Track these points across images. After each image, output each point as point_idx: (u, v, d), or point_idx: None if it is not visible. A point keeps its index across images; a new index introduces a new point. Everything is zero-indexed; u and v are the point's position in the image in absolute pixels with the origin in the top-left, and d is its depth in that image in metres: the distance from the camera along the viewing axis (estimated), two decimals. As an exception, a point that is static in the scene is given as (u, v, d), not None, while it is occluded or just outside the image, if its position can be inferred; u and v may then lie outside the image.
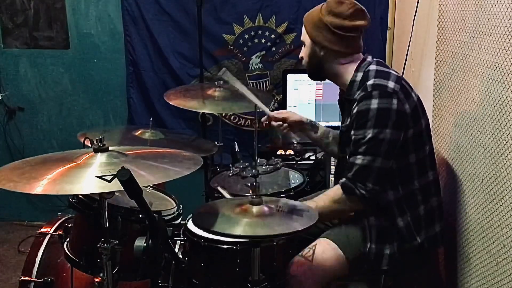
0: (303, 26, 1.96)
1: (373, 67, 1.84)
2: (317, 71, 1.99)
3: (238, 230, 1.51)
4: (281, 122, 2.22)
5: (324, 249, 1.85)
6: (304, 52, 1.98)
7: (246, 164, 2.24)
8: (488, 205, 1.71)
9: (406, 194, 1.84)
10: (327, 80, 2.02)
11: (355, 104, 1.79)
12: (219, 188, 2.15)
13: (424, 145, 1.85)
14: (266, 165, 2.26)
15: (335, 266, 1.85)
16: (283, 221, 1.56)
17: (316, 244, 1.87)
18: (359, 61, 1.89)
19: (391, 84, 1.76)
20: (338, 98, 2.08)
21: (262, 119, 2.22)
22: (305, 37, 1.95)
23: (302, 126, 2.23)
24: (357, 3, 1.87)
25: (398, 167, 1.81)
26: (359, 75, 1.84)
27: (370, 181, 1.77)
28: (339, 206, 1.85)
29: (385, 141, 1.74)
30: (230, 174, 2.24)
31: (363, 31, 1.90)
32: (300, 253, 1.86)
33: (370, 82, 1.77)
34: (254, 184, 1.63)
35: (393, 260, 1.84)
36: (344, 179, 1.82)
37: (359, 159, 1.77)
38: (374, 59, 1.91)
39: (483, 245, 1.75)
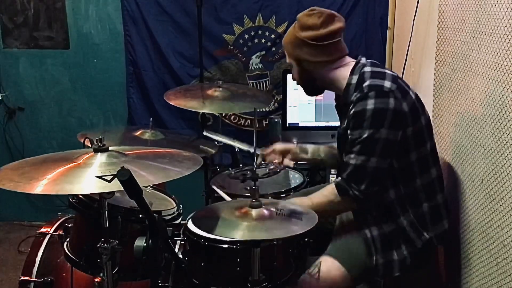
0: (285, 51, 1.97)
1: (368, 68, 1.84)
2: (312, 86, 2.00)
3: (238, 234, 1.51)
4: (273, 155, 2.23)
5: (330, 268, 1.85)
6: (294, 74, 2.00)
7: (246, 167, 2.25)
8: (488, 205, 1.71)
9: (408, 192, 1.84)
10: None
11: (351, 105, 1.78)
12: (217, 189, 2.15)
13: (425, 143, 1.85)
14: (266, 168, 2.26)
15: (341, 284, 1.85)
16: (282, 224, 1.56)
17: (321, 262, 1.87)
18: (352, 64, 1.88)
19: (387, 84, 1.75)
20: (335, 103, 2.08)
21: (257, 163, 2.24)
22: (289, 59, 1.96)
23: (290, 152, 2.24)
24: (326, 10, 1.87)
25: (399, 165, 1.81)
26: (355, 78, 1.83)
27: (364, 182, 1.76)
28: (334, 206, 1.85)
29: (380, 141, 1.73)
30: (231, 176, 2.25)
31: (342, 33, 1.89)
32: (306, 272, 1.86)
33: (366, 84, 1.77)
34: (254, 187, 1.63)
35: (404, 264, 1.83)
36: (338, 179, 1.82)
37: (353, 159, 1.77)
38: (368, 60, 1.91)
39: (483, 245, 1.75)
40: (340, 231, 2.00)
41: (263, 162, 2.26)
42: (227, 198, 2.06)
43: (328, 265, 1.85)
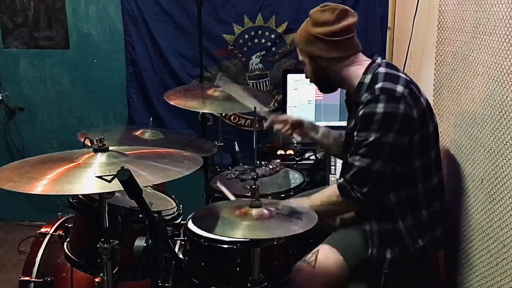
0: (297, 48, 1.96)
1: (382, 69, 1.82)
2: (326, 83, 1.98)
3: (238, 233, 1.51)
4: (283, 125, 2.19)
5: (327, 255, 1.85)
6: (307, 71, 1.97)
7: (245, 167, 2.24)
8: (488, 205, 1.71)
9: (409, 198, 1.84)
10: None
11: (361, 106, 1.77)
12: (222, 188, 2.14)
13: (430, 150, 1.84)
14: (265, 167, 2.26)
15: (337, 273, 1.85)
16: (282, 224, 1.56)
17: (318, 250, 1.87)
18: (366, 63, 1.87)
19: (399, 89, 1.74)
20: (345, 98, 2.07)
21: (265, 126, 2.21)
22: (302, 56, 1.94)
23: (302, 127, 2.20)
24: (339, 5, 1.86)
25: (402, 170, 1.80)
26: (368, 77, 1.82)
27: (367, 184, 1.76)
28: (334, 206, 1.85)
29: (387, 145, 1.72)
30: (230, 177, 2.25)
31: (355, 29, 1.87)
32: (302, 259, 1.86)
33: (378, 86, 1.75)
34: (254, 187, 1.63)
35: (394, 264, 1.84)
36: (341, 180, 1.82)
37: (358, 161, 1.76)
38: (384, 60, 1.90)
39: (483, 245, 1.75)
40: (340, 226, 2.00)
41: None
42: (231, 196, 2.04)
43: (325, 252, 1.85)
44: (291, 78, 3.14)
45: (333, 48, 1.84)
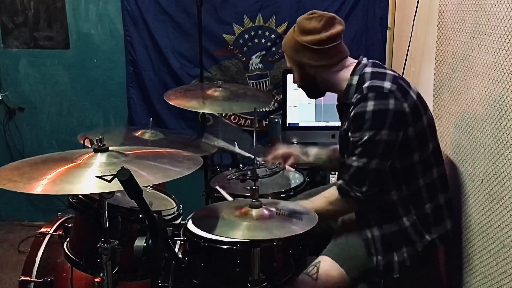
0: (285, 55, 1.96)
1: (368, 69, 1.83)
2: (314, 89, 2.00)
3: (238, 234, 1.51)
4: (273, 161, 2.23)
5: (328, 268, 1.84)
6: (295, 78, 1.99)
7: (246, 167, 2.25)
8: (488, 205, 1.71)
9: (411, 193, 1.84)
10: None
11: (352, 107, 1.78)
12: (219, 189, 2.15)
13: (427, 143, 1.84)
14: (266, 168, 2.27)
15: (339, 285, 1.85)
16: (282, 224, 1.56)
17: (320, 262, 1.86)
18: (353, 65, 1.87)
19: (387, 85, 1.75)
20: (336, 104, 2.08)
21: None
22: (290, 63, 1.95)
23: (291, 156, 2.23)
24: (326, 13, 1.87)
25: (401, 166, 1.80)
26: (355, 79, 1.83)
27: (365, 183, 1.76)
28: (335, 207, 1.85)
29: (381, 143, 1.73)
30: (230, 178, 2.25)
31: (342, 36, 1.88)
32: (304, 271, 1.86)
33: (366, 85, 1.76)
34: (254, 187, 1.63)
35: (403, 265, 1.83)
36: (340, 181, 1.82)
37: (355, 161, 1.77)
38: (370, 60, 1.90)
39: (483, 245, 1.75)
40: (341, 231, 2.00)
41: (263, 163, 2.26)
42: (229, 199, 2.06)
43: (326, 266, 1.85)
44: (291, 78, 3.13)
45: (321, 56, 1.85)
